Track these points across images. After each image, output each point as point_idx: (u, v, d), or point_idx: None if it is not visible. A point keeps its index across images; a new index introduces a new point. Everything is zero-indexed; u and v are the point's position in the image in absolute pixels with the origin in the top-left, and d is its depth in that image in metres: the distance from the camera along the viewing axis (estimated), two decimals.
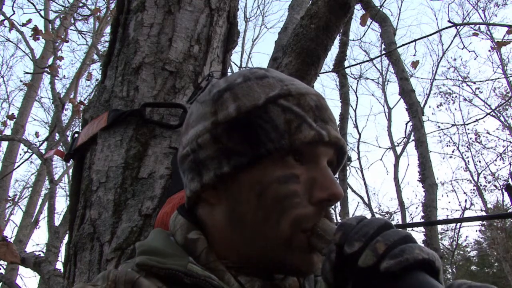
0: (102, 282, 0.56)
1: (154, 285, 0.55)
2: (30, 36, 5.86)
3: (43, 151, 5.69)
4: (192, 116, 0.66)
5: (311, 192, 0.59)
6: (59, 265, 4.04)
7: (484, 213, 15.51)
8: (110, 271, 0.57)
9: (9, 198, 9.31)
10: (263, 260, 0.60)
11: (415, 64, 5.53)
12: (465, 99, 17.11)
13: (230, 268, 0.60)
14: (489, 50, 17.23)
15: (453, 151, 17.01)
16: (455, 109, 27.21)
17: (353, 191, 13.41)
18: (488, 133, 16.22)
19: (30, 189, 10.32)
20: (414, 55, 16.32)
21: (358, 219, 0.54)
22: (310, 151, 0.60)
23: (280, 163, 0.59)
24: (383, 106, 14.98)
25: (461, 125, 14.71)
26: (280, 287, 0.62)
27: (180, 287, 0.55)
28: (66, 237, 1.58)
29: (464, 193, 16.14)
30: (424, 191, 3.36)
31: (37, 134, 10.86)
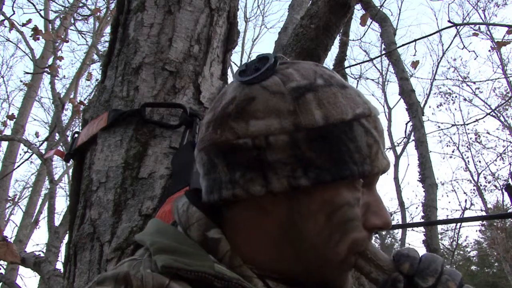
0: (114, 285, 0.50)
1: None
2: (30, 36, 5.87)
3: (43, 151, 5.69)
4: (255, 103, 0.56)
5: (366, 217, 0.58)
6: (59, 265, 4.04)
7: (484, 213, 15.52)
8: (125, 272, 0.51)
9: (9, 198, 9.31)
10: (309, 275, 0.58)
11: (415, 64, 5.54)
12: (465, 99, 17.14)
13: (256, 274, 0.57)
14: (489, 50, 17.26)
15: (453, 151, 17.02)
16: (455, 109, 27.18)
17: None
18: (488, 133, 16.24)
19: (30, 189, 10.32)
20: (414, 55, 16.28)
21: (417, 251, 0.59)
22: (372, 177, 0.59)
23: (351, 185, 0.56)
24: (383, 106, 14.98)
25: (461, 125, 14.72)
26: None
27: None
28: (66, 237, 1.58)
29: (464, 193, 16.16)
30: (424, 191, 3.36)
31: (37, 134, 10.85)
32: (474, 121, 15.08)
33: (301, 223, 0.56)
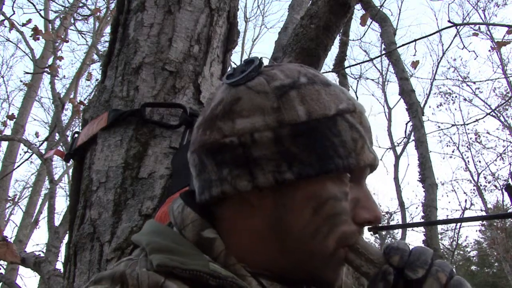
0: (110, 284, 0.51)
1: None
2: (30, 36, 5.87)
3: (43, 151, 5.69)
4: (241, 103, 0.58)
5: (355, 211, 0.59)
6: (59, 265, 4.03)
7: (484, 213, 15.52)
8: (121, 272, 0.52)
9: (9, 198, 9.32)
10: (297, 270, 0.59)
11: (415, 64, 5.53)
12: (465, 99, 17.18)
13: (249, 273, 0.57)
14: (489, 50, 17.27)
15: (453, 151, 17.05)
16: (455, 109, 27.16)
17: None
18: (488, 133, 16.27)
19: (30, 189, 10.34)
20: (414, 55, 16.28)
21: (407, 244, 0.58)
22: (359, 172, 0.60)
23: (337, 179, 0.57)
24: (383, 106, 15.05)
25: (461, 125, 14.71)
26: None
27: None
28: (66, 237, 1.58)
29: (464, 193, 16.19)
30: (424, 191, 3.35)
31: (37, 134, 10.84)
32: (474, 121, 15.12)
33: (287, 217, 0.57)
